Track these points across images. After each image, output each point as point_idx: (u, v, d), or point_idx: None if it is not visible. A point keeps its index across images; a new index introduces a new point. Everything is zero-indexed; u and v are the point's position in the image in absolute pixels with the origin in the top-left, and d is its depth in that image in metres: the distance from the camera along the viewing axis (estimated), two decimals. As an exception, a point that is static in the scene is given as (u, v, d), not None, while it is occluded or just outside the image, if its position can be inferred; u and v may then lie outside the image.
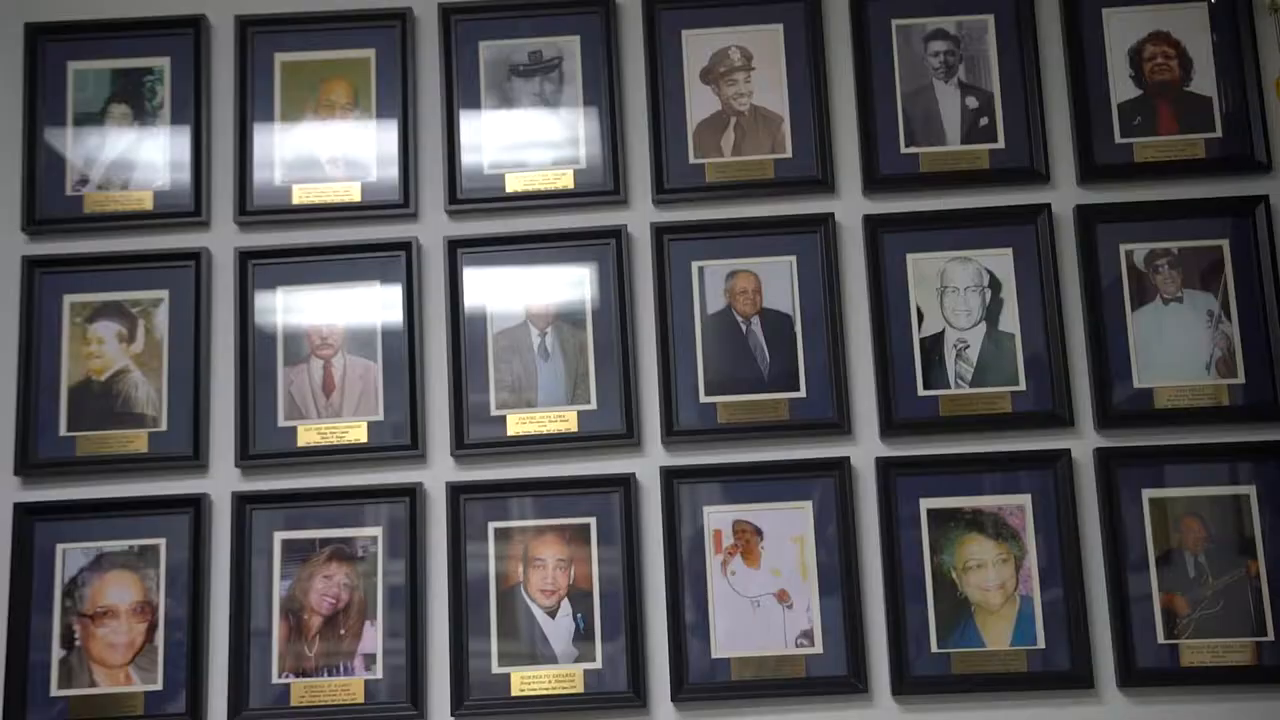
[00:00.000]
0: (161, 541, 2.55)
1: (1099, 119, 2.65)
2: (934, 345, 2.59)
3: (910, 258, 2.61)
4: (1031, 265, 2.60)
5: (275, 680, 2.50)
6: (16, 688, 2.49)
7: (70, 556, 2.54)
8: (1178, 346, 2.56)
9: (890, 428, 2.55)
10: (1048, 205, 2.61)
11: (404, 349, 2.60)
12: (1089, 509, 2.51)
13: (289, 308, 2.64)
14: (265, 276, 2.64)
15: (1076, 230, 2.60)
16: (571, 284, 2.64)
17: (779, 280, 2.62)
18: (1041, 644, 2.47)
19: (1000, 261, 2.61)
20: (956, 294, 2.60)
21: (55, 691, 2.50)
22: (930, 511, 2.52)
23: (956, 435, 2.55)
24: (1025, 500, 2.52)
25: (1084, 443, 2.54)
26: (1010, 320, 2.59)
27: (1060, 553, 2.49)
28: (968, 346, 2.58)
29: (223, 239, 2.67)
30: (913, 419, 2.56)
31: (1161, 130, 2.64)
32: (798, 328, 2.60)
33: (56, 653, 2.51)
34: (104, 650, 2.51)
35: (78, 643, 2.52)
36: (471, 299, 2.63)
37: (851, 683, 2.46)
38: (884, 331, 2.59)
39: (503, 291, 2.64)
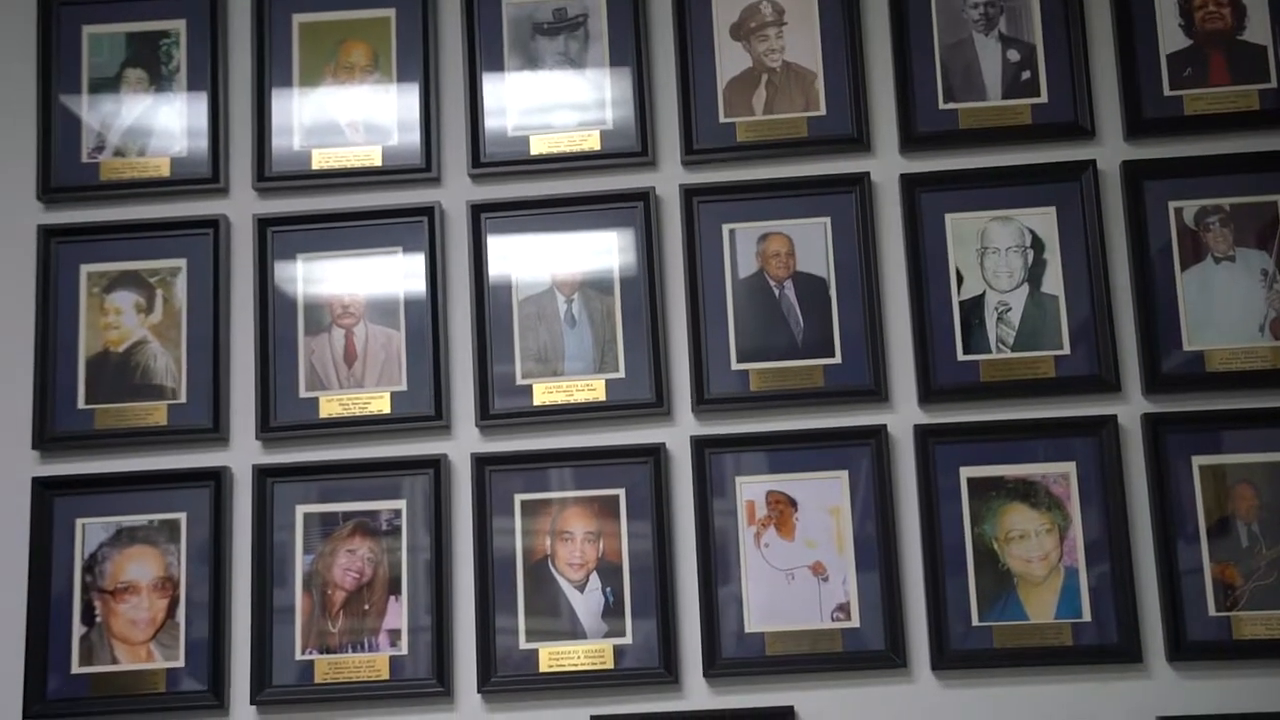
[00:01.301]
0: (182, 516, 2.51)
1: (1147, 71, 2.55)
2: (974, 308, 2.51)
3: (949, 218, 2.54)
4: (1076, 224, 2.51)
5: (299, 657, 2.46)
6: (37, 665, 2.47)
7: (90, 531, 2.51)
8: (1230, 307, 2.47)
9: (929, 394, 2.48)
10: (1093, 162, 2.52)
11: (427, 317, 2.55)
12: (1137, 477, 2.44)
13: (309, 275, 2.59)
14: (285, 244, 2.59)
15: (1123, 187, 2.52)
16: (598, 249, 2.57)
17: (813, 243, 2.55)
18: (1087, 617, 2.39)
19: (1043, 221, 2.52)
20: (997, 255, 2.52)
21: (76, 669, 2.47)
22: (971, 480, 2.45)
23: (998, 401, 2.48)
24: (1070, 468, 2.44)
25: (1131, 408, 2.46)
26: (1054, 282, 2.51)
27: (1107, 523, 2.42)
28: (1009, 309, 2.50)
29: (241, 206, 2.62)
30: (952, 385, 2.48)
31: (1213, 81, 2.55)
32: (832, 291, 2.53)
33: (77, 629, 2.48)
34: (125, 627, 2.48)
35: (98, 619, 2.48)
36: (496, 265, 2.57)
37: (889, 657, 2.40)
38: (922, 294, 2.51)
39: (528, 258, 2.58)
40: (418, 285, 2.57)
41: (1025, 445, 2.46)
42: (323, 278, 2.59)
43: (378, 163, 2.62)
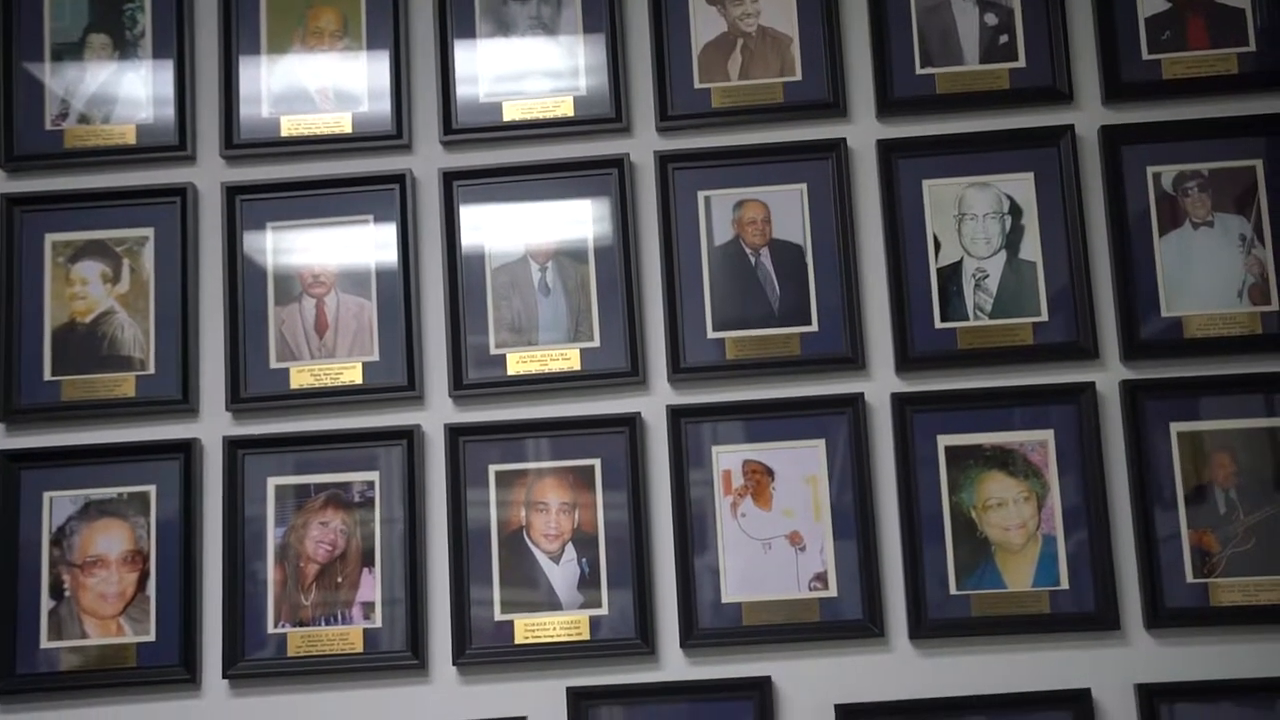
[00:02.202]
0: (151, 488, 2.47)
1: (1125, 34, 2.53)
2: (952, 275, 2.49)
3: (926, 184, 2.51)
4: (1054, 190, 2.49)
5: (272, 630, 2.43)
6: (6, 640, 2.43)
7: (58, 504, 2.47)
8: (1208, 273, 2.46)
9: (906, 362, 2.46)
10: (1071, 126, 2.50)
11: (399, 287, 2.52)
12: (1115, 444, 2.42)
13: (279, 244, 2.55)
14: (254, 212, 2.55)
15: (1101, 152, 2.49)
16: (572, 216, 2.54)
17: (789, 209, 2.52)
18: (1065, 584, 2.38)
19: (1021, 186, 2.50)
20: (975, 221, 2.50)
21: (45, 643, 2.44)
22: (948, 448, 2.43)
23: (975, 369, 2.46)
24: (1048, 436, 2.43)
25: (1109, 375, 2.44)
26: (1032, 248, 2.49)
27: (1084, 490, 2.40)
28: (987, 276, 2.48)
29: (209, 174, 2.58)
30: (929, 353, 2.46)
31: (1191, 45, 2.52)
32: (809, 259, 2.51)
33: (46, 604, 2.45)
34: (94, 601, 2.44)
35: (67, 593, 2.45)
36: (469, 234, 2.54)
37: (867, 626, 2.39)
38: (899, 262, 2.49)
39: (501, 226, 2.55)
40: (389, 254, 2.53)
41: (1003, 413, 2.44)
42: (293, 247, 2.55)
43: (348, 130, 2.58)
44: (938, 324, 2.47)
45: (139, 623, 2.43)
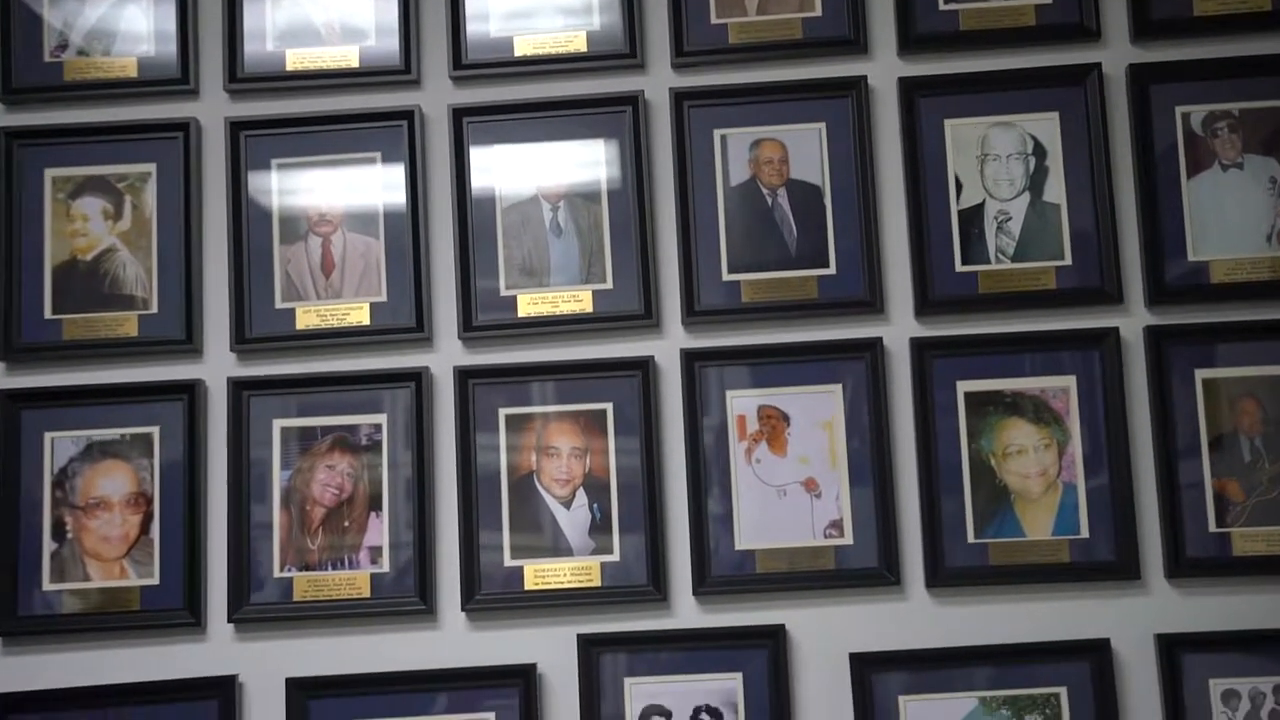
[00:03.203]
0: (154, 430, 2.43)
1: (1155, -32, 2.47)
2: (973, 217, 2.43)
3: (948, 123, 2.45)
4: (1080, 130, 2.43)
5: (277, 574, 2.40)
6: (7, 582, 2.39)
7: (59, 445, 2.43)
8: (1236, 216, 2.40)
9: (926, 306, 2.41)
10: (1098, 65, 2.44)
11: (407, 226, 2.46)
12: (1138, 391, 2.38)
13: (285, 181, 2.49)
14: (259, 149, 2.49)
15: (1129, 91, 2.43)
16: (585, 154, 2.49)
17: (807, 149, 2.46)
18: (1085, 533, 2.35)
19: (1046, 126, 2.44)
20: (998, 162, 2.45)
21: (47, 586, 2.40)
22: (968, 395, 2.39)
23: (996, 314, 2.41)
24: (1069, 382, 2.38)
25: (1133, 320, 2.40)
26: (1056, 190, 2.43)
27: (1106, 437, 2.36)
28: (1009, 219, 2.43)
29: (212, 109, 2.52)
30: (950, 297, 2.41)
31: (1224, -20, 2.46)
32: (827, 200, 2.45)
33: (48, 546, 2.41)
34: (97, 543, 2.41)
35: (70, 535, 2.41)
36: (479, 174, 2.48)
37: (883, 575, 2.35)
38: (920, 203, 2.43)
39: (512, 165, 2.49)
40: (397, 193, 2.48)
41: (1024, 358, 2.39)
42: (299, 184, 2.49)
43: (355, 65, 2.52)
44: (958, 267, 2.42)
45: (142, 566, 2.40)
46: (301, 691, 2.35)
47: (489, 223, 2.47)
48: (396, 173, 2.48)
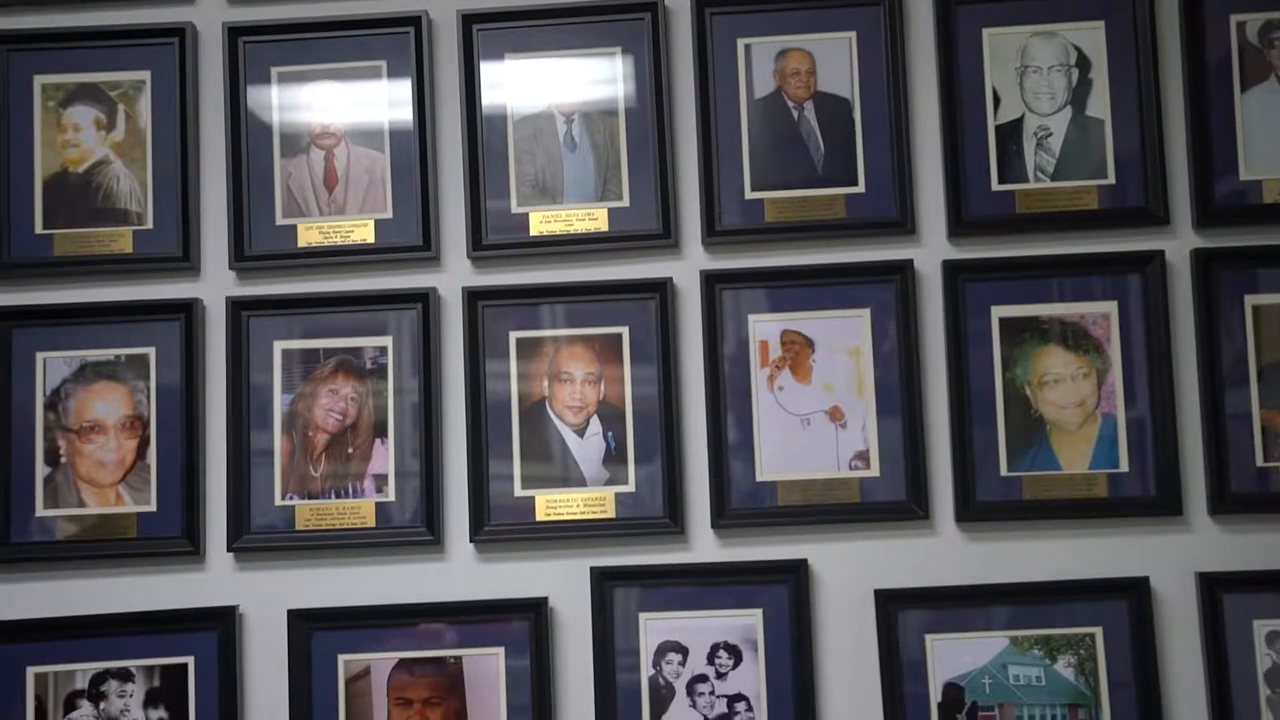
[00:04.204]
0: (150, 351, 2.34)
1: None
2: (1011, 133, 2.33)
3: (986, 33, 2.35)
4: (1125, 40, 2.33)
5: (279, 502, 2.32)
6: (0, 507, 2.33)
7: (52, 366, 2.34)
8: (1293, 133, 2.31)
9: (959, 227, 2.32)
10: (1147, -31, 2.34)
11: (414, 138, 2.36)
12: (1183, 317, 2.29)
13: (286, 91, 2.39)
14: (258, 55, 2.39)
15: (1180, -2, 2.34)
16: (601, 64, 2.38)
17: (836, 60, 2.36)
18: (1124, 467, 2.27)
19: (1090, 36, 2.34)
20: (1039, 74, 2.34)
21: (41, 512, 2.33)
22: (1003, 320, 2.30)
23: (1034, 235, 2.32)
24: (1111, 308, 2.29)
25: (1180, 243, 2.30)
26: (1100, 104, 2.33)
27: (1148, 366, 2.28)
28: (1050, 134, 2.33)
29: (209, 12, 2.42)
30: (985, 217, 2.32)
31: (1283, -123, 2.35)
32: (856, 114, 2.35)
33: (41, 470, 2.33)
34: (92, 468, 2.33)
35: (63, 460, 2.33)
36: (489, 89, 2.38)
37: (911, 508, 2.27)
38: (954, 118, 2.33)
39: (524, 75, 2.38)
40: (404, 104, 2.37)
41: (1063, 283, 2.31)
42: (300, 93, 2.39)
43: (358, -33, 2.41)
44: (995, 186, 2.33)
45: (139, 492, 2.32)
46: (304, 623, 2.29)
47: (499, 135, 2.37)
48: (403, 84, 2.38)
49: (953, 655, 2.24)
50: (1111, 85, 2.33)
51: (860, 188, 2.34)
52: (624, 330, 2.33)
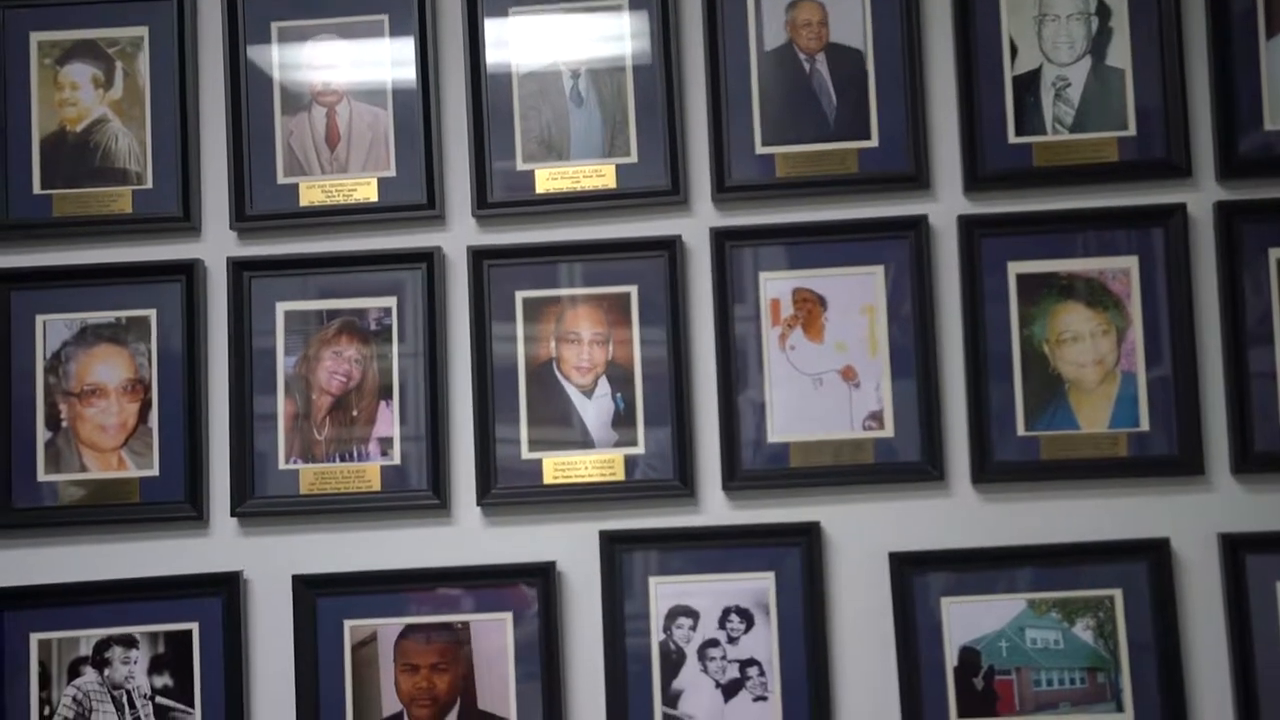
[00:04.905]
0: (151, 312, 2.31)
1: None
2: (1029, 84, 2.29)
3: (1003, -21, 2.31)
4: (1147, -14, 2.28)
5: (283, 466, 2.30)
6: (1, 472, 2.30)
7: (52, 328, 2.32)
8: (1319, 81, 2.26)
9: (975, 181, 2.27)
10: (1168, -87, 2.28)
11: (417, 93, 2.32)
12: (1205, 273, 2.25)
13: (286, 47, 2.35)
14: (258, 10, 2.35)
15: (1202, -56, 2.28)
16: (607, 17, 2.33)
17: (849, 9, 2.32)
18: (1145, 426, 2.23)
19: (1110, -17, 2.30)
20: (1057, 23, 2.29)
21: (42, 476, 2.31)
22: (1020, 277, 2.26)
23: (1052, 189, 2.27)
24: (1131, 263, 2.25)
25: (1202, 195, 2.26)
26: (1120, 54, 2.28)
27: (1169, 323, 2.24)
28: (1069, 85, 2.28)
29: (207, -35, 2.40)
30: (1002, 170, 2.28)
31: None
32: (870, 66, 2.31)
33: (42, 434, 2.31)
34: (94, 432, 2.30)
35: (64, 424, 2.31)
36: (494, 37, 2.34)
37: (926, 470, 2.23)
38: (970, 69, 2.29)
39: (529, 25, 2.34)
40: (407, 61, 2.34)
41: (1082, 238, 2.27)
42: (301, 48, 2.35)
43: (360, -84, 2.37)
44: (1012, 138, 2.28)
45: (141, 456, 2.29)
46: (309, 589, 2.26)
47: (504, 91, 2.33)
48: (406, 40, 2.34)
49: (969, 619, 2.21)
50: (1132, 33, 2.28)
51: (874, 141, 2.29)
52: (632, 289, 2.30)
